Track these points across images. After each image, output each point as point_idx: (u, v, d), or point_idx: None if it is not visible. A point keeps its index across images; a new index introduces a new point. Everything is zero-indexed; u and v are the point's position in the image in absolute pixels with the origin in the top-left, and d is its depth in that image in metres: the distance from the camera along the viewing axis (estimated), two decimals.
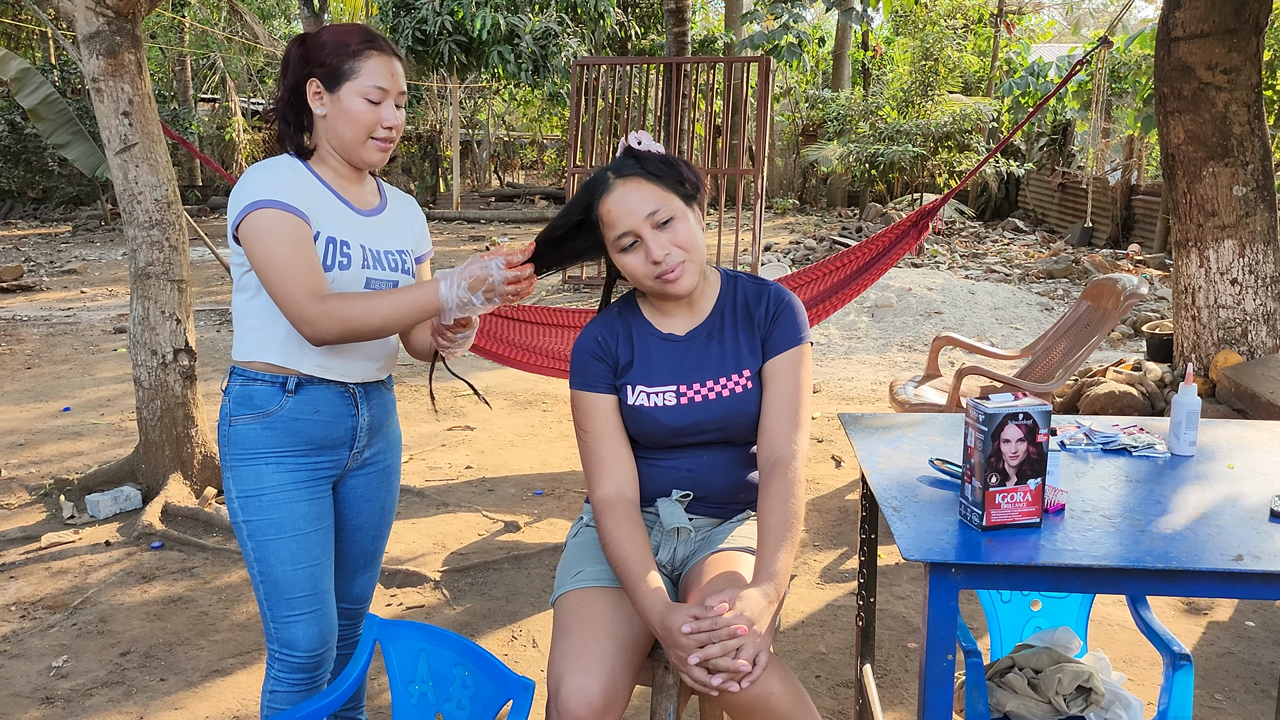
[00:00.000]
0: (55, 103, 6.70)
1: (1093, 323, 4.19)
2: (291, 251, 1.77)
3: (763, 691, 1.64)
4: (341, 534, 2.10)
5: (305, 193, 1.85)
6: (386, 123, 1.88)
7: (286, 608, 1.93)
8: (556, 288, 10.19)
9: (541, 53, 14.37)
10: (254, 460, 1.90)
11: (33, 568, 3.62)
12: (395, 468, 2.16)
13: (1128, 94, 14.33)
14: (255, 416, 1.90)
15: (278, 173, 1.84)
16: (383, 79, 1.86)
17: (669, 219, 1.80)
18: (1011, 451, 1.56)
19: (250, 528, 1.92)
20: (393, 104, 1.89)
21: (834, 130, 18.08)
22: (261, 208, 1.78)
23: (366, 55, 1.85)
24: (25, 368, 6.90)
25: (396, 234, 2.01)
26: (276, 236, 1.77)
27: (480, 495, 4.38)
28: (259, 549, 1.92)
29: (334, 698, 1.85)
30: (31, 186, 17.81)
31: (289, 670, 1.97)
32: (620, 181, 1.81)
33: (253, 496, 1.90)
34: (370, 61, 1.85)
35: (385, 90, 1.86)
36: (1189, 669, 1.92)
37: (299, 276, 1.76)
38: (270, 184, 1.81)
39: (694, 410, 1.89)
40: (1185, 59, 4.83)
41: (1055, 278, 10.38)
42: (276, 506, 1.90)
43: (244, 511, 1.92)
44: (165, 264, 4.06)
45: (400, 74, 1.90)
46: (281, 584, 1.93)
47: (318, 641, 1.96)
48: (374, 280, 1.92)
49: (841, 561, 3.65)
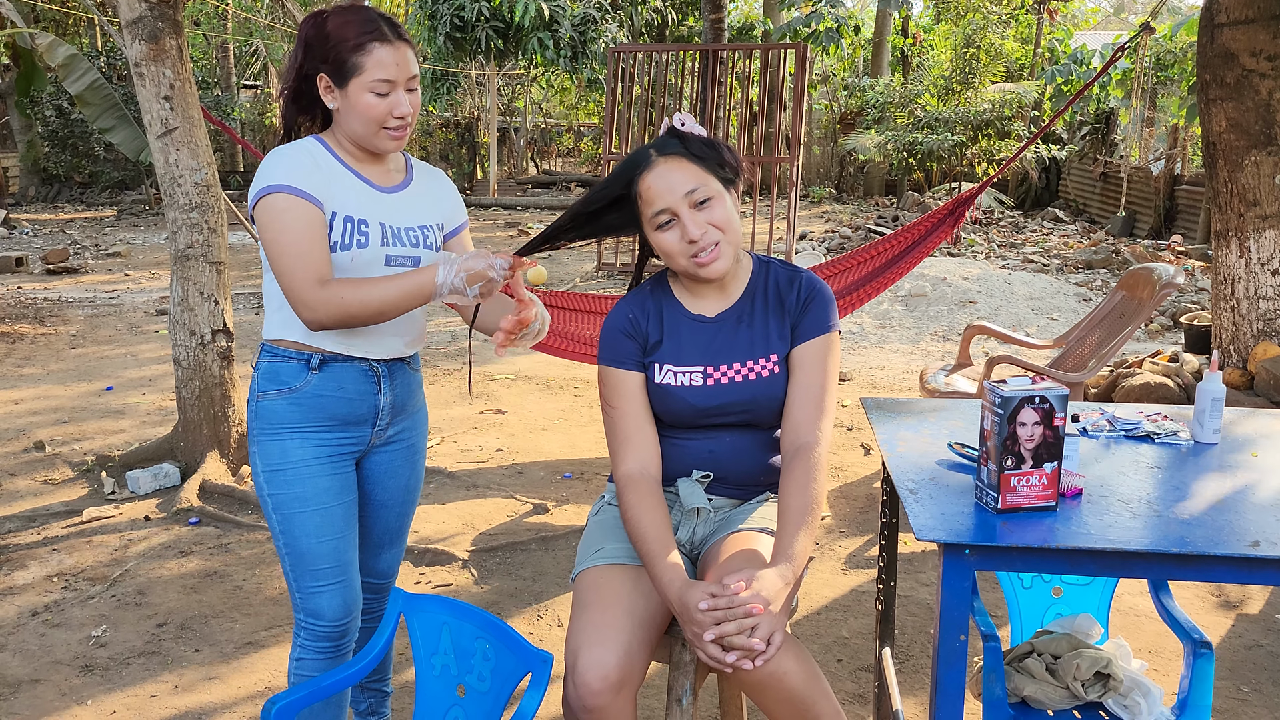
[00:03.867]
0: (101, 88, 6.83)
1: (1127, 313, 4.14)
2: (297, 237, 1.80)
3: (777, 670, 1.66)
4: (366, 510, 2.14)
5: (323, 174, 1.86)
6: (397, 112, 1.86)
7: (311, 579, 1.98)
8: (590, 274, 10.22)
9: (580, 39, 14.39)
10: (279, 435, 1.94)
11: (74, 541, 3.72)
12: (420, 446, 2.19)
13: (1173, 82, 14.08)
14: (281, 392, 1.93)
15: (295, 157, 1.86)
16: (388, 70, 1.83)
17: (707, 199, 1.81)
18: (1028, 435, 1.57)
19: (275, 501, 1.95)
20: (402, 91, 1.86)
21: (872, 118, 17.93)
22: (273, 192, 1.81)
23: (369, 48, 1.82)
24: (70, 348, 7.06)
25: (421, 209, 2.01)
26: (284, 221, 1.80)
27: (510, 478, 4.43)
28: (284, 522, 1.96)
29: (359, 668, 1.89)
30: (78, 171, 18.13)
31: (315, 639, 2.02)
32: (662, 159, 1.82)
33: (278, 470, 1.94)
34: (373, 54, 1.82)
35: (391, 81, 1.84)
36: (1210, 657, 1.91)
37: (301, 261, 1.79)
38: (286, 169, 1.83)
39: (720, 392, 1.90)
40: (1228, 45, 4.75)
41: (1094, 268, 10.24)
42: (301, 481, 1.94)
43: (269, 485, 1.96)
44: (204, 246, 4.14)
45: (408, 59, 1.86)
46: (306, 555, 1.96)
47: (342, 611, 2.01)
48: (394, 257, 1.94)
49: (866, 548, 3.66)
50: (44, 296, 9.07)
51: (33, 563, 3.53)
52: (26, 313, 8.25)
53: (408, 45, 1.88)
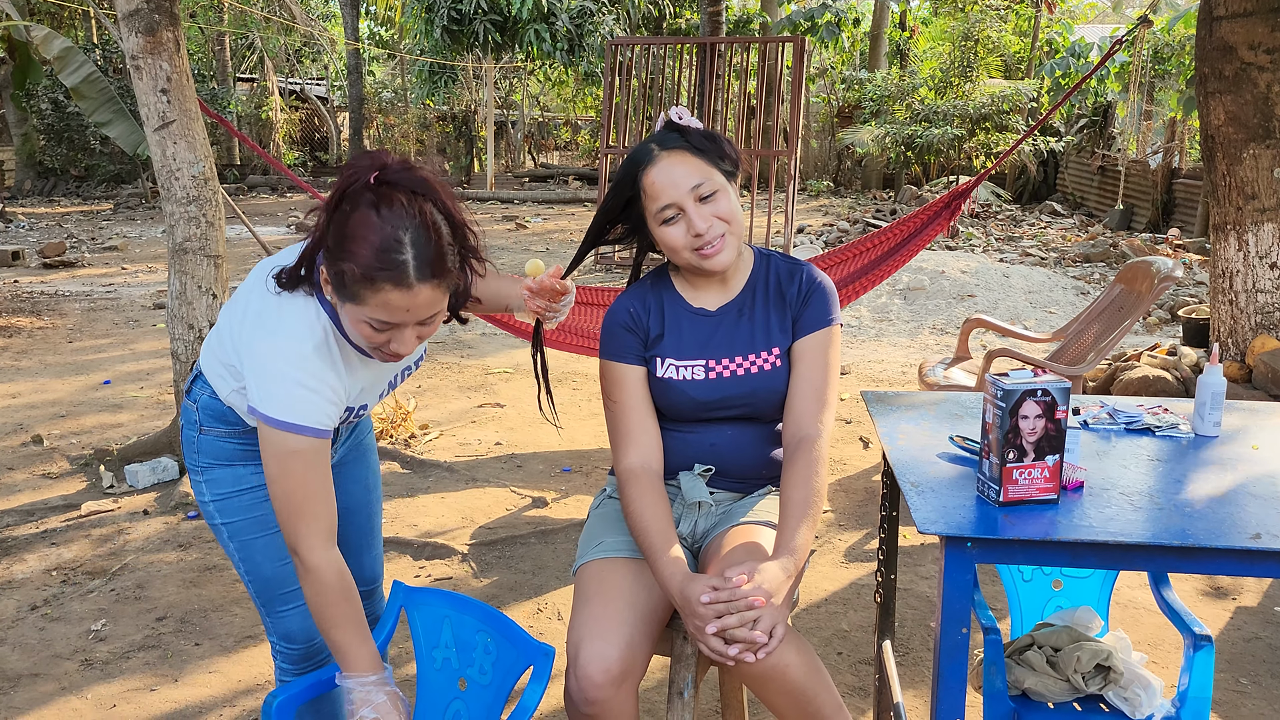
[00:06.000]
0: (97, 81, 6.79)
1: (1126, 306, 4.15)
2: (319, 488, 1.62)
3: (779, 663, 1.66)
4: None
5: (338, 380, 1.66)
6: (394, 348, 1.59)
7: (280, 602, 1.89)
8: (588, 268, 10.21)
9: (577, 31, 14.36)
10: (229, 464, 1.82)
11: (73, 534, 3.71)
12: (369, 443, 2.10)
13: (1171, 76, 14.08)
14: (228, 431, 1.81)
15: (311, 372, 1.60)
16: (393, 315, 1.53)
17: (712, 192, 1.81)
18: (1029, 428, 1.57)
19: (231, 529, 1.84)
20: (409, 329, 1.57)
21: (870, 112, 17.92)
22: (290, 431, 1.58)
23: (380, 287, 1.49)
24: (67, 341, 7.05)
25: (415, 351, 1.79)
26: (305, 469, 1.60)
27: (509, 471, 4.43)
28: (243, 549, 1.85)
29: None
30: (74, 165, 18.09)
31: (291, 662, 1.95)
32: (665, 154, 1.82)
33: (230, 497, 1.83)
34: (380, 295, 1.50)
35: (390, 325, 1.55)
36: (1210, 649, 1.92)
37: (318, 518, 1.63)
38: (310, 401, 1.60)
39: (722, 385, 1.90)
40: (1227, 38, 4.74)
41: (1092, 261, 10.25)
42: (257, 504, 1.83)
43: (221, 514, 1.84)
44: (202, 240, 4.13)
45: (427, 300, 1.53)
46: (272, 580, 1.87)
47: (314, 630, 1.91)
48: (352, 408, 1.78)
49: (866, 541, 3.66)
50: (40, 290, 9.05)
51: (31, 556, 3.53)
52: (23, 306, 8.23)
53: (436, 281, 1.52)
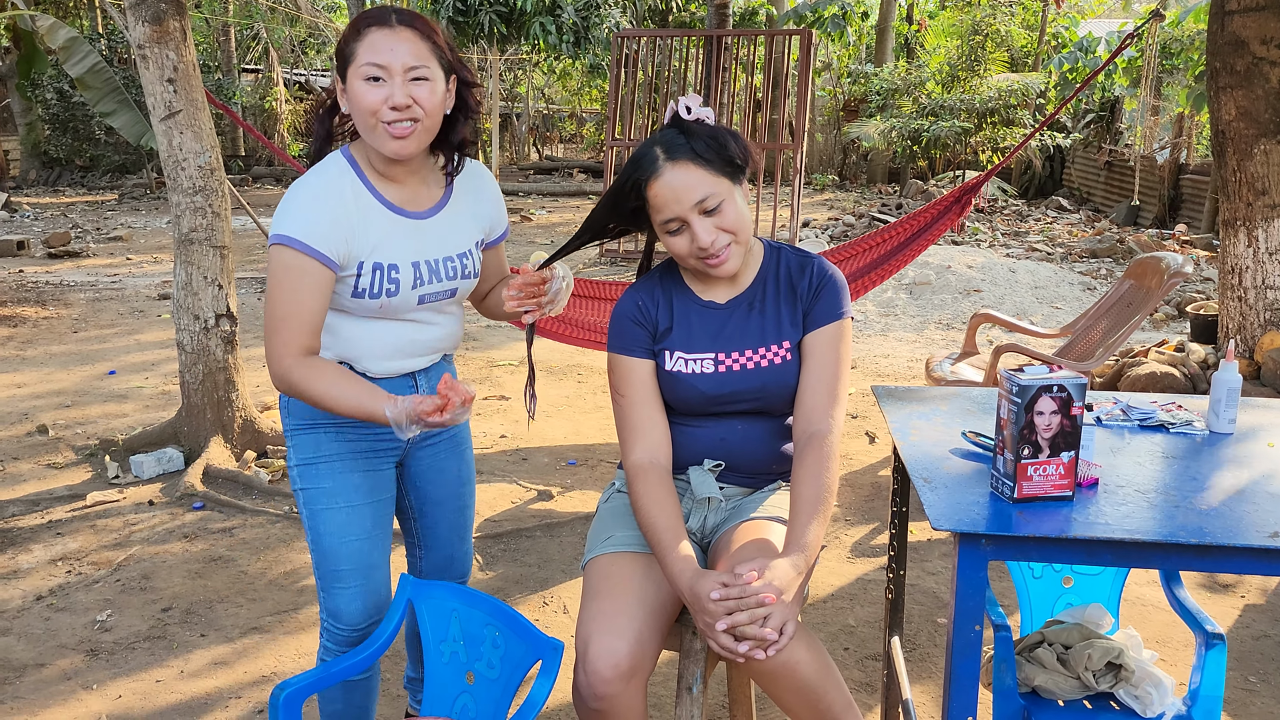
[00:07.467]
0: (102, 71, 6.78)
1: (1135, 301, 4.12)
2: (291, 299, 1.71)
3: (789, 660, 1.65)
4: (425, 510, 2.09)
5: (346, 217, 1.75)
6: (392, 102, 1.67)
7: (334, 579, 1.92)
8: (593, 261, 10.19)
9: (583, 24, 14.31)
10: (314, 429, 1.88)
11: (78, 525, 3.71)
12: (464, 437, 2.13)
13: (1179, 71, 14.02)
14: None
15: (321, 200, 1.74)
16: (378, 54, 1.67)
17: (717, 204, 1.78)
18: (1045, 424, 1.55)
19: (306, 495, 1.91)
20: (400, 81, 1.67)
21: (876, 106, 17.86)
22: (284, 244, 1.70)
23: (365, 33, 1.68)
24: (72, 331, 7.05)
25: (458, 233, 1.90)
26: (285, 278, 1.71)
27: (514, 464, 4.42)
28: (312, 517, 1.91)
29: (366, 655, 1.89)
30: (79, 155, 18.08)
31: (334, 641, 1.97)
32: (669, 165, 1.76)
33: (310, 464, 1.89)
34: (367, 39, 1.67)
35: (383, 67, 1.67)
36: (1222, 648, 1.90)
37: (287, 325, 1.71)
38: (306, 217, 1.72)
39: (731, 379, 1.89)
40: (1239, 33, 4.71)
41: (1099, 257, 10.21)
42: (331, 475, 1.89)
43: (301, 479, 1.91)
44: (208, 230, 4.12)
45: (409, 48, 1.68)
46: (329, 555, 1.91)
47: (361, 616, 1.94)
48: (427, 295, 1.86)
49: (873, 536, 3.65)
50: (46, 280, 9.05)
51: (37, 546, 3.52)
52: (28, 296, 8.23)
53: (417, 34, 1.70)
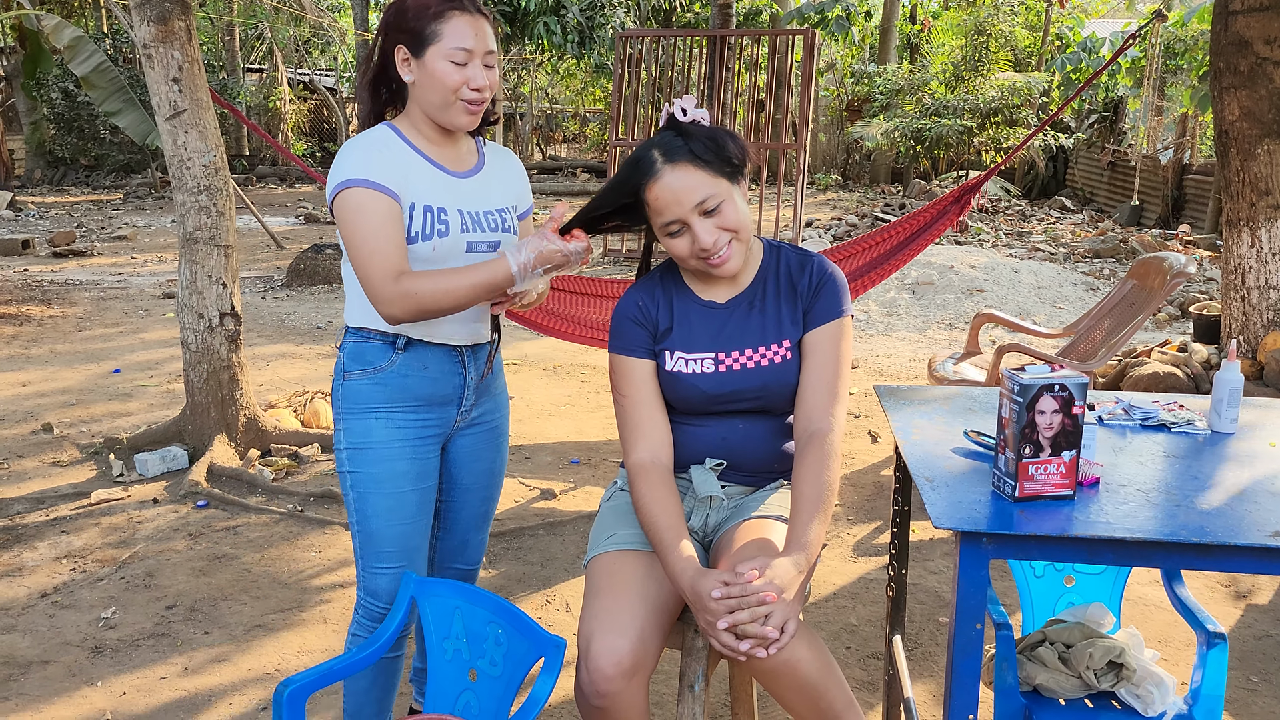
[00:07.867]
0: (107, 71, 6.80)
1: (1138, 302, 4.12)
2: (372, 232, 1.80)
3: (790, 658, 1.66)
4: (453, 495, 2.16)
5: (397, 165, 1.86)
6: (474, 84, 1.85)
7: (376, 559, 2.00)
8: (596, 259, 10.20)
9: (588, 24, 14.30)
10: (364, 414, 1.95)
11: (83, 523, 3.72)
12: (503, 428, 2.20)
13: (1182, 71, 14.00)
14: (367, 372, 1.95)
15: (370, 148, 1.85)
16: (467, 39, 1.83)
17: (717, 205, 1.78)
18: (1046, 423, 1.56)
19: (354, 479, 1.98)
20: (480, 64, 1.85)
21: (879, 105, 17.85)
22: (350, 187, 1.81)
23: (448, 16, 1.83)
24: (77, 330, 7.06)
25: (495, 192, 2.01)
26: (360, 216, 1.80)
27: (517, 463, 4.43)
28: (359, 500, 1.98)
29: (371, 651, 1.90)
30: (84, 154, 18.10)
31: (370, 618, 2.04)
32: (668, 167, 1.77)
33: (359, 449, 1.96)
34: (452, 22, 1.83)
35: (470, 51, 1.83)
36: (1223, 647, 1.90)
37: (377, 256, 1.80)
38: (362, 161, 1.83)
39: (732, 378, 1.89)
40: (1243, 33, 4.71)
41: (1102, 257, 10.21)
42: (379, 461, 1.96)
43: (350, 463, 1.98)
44: (212, 229, 4.13)
45: (488, 33, 1.87)
46: (374, 536, 1.98)
47: (395, 594, 2.01)
48: (474, 243, 1.94)
49: (874, 535, 3.65)
50: (51, 279, 9.07)
51: (41, 544, 3.54)
52: (33, 295, 8.25)
53: (486, 20, 1.88)
